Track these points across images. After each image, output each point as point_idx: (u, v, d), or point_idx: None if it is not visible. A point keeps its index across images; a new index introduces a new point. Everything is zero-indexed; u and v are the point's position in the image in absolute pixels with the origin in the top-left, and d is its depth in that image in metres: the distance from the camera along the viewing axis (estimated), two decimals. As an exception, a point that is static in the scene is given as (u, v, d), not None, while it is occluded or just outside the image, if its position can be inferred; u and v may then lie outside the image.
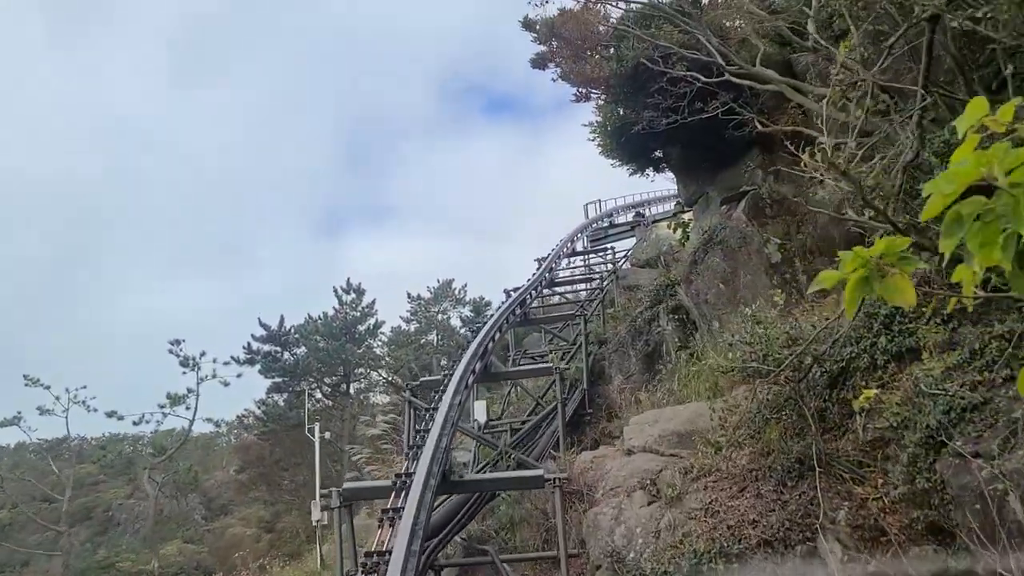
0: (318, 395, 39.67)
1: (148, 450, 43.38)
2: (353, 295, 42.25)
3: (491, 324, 16.75)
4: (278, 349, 40.18)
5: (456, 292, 44.90)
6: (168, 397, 37.49)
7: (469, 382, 14.00)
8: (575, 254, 28.89)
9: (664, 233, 26.74)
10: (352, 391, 41.57)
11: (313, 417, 30.30)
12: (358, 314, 41.93)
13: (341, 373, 40.65)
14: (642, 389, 16.08)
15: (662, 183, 32.52)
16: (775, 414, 9.67)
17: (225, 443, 55.86)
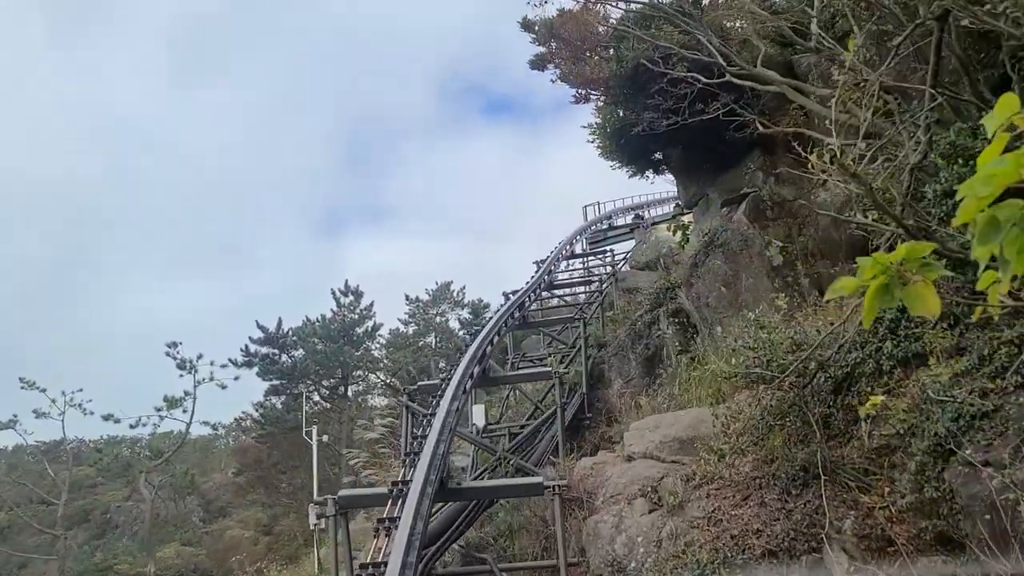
0: (316, 398, 39.45)
1: (145, 453, 43.12)
2: (351, 297, 42.07)
3: (489, 328, 16.56)
4: (276, 351, 39.99)
5: (455, 294, 44.80)
6: (165, 400, 37.23)
7: (467, 387, 13.82)
8: (574, 256, 28.74)
9: (663, 235, 26.58)
10: (350, 393, 41.37)
11: (311, 420, 30.09)
12: (356, 316, 41.74)
13: (339, 376, 40.44)
14: (642, 393, 15.92)
15: (661, 185, 32.43)
16: (779, 420, 9.49)
17: (223, 445, 55.64)
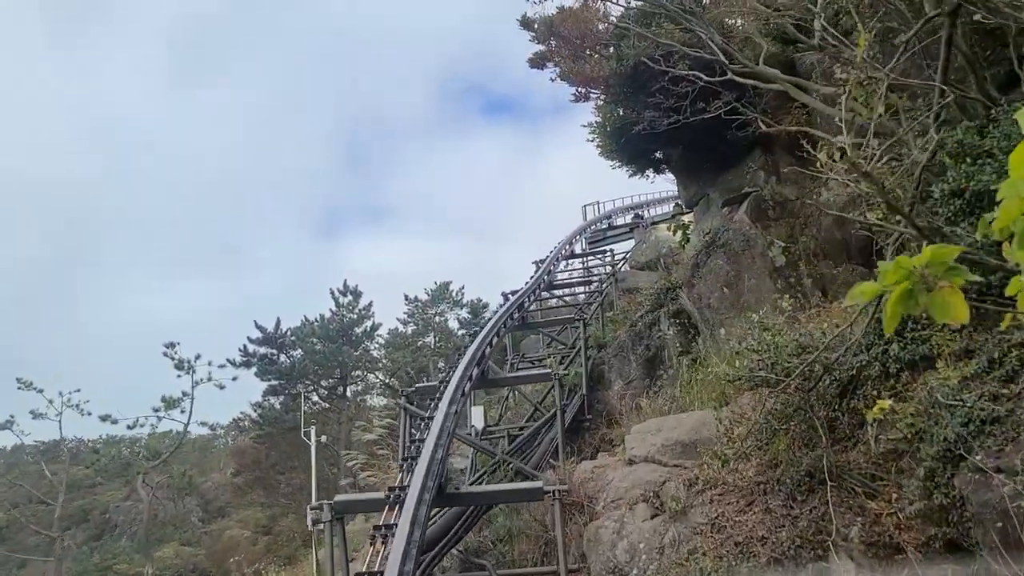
0: (314, 398, 39.23)
1: (144, 453, 42.95)
2: (350, 297, 41.87)
3: (488, 329, 16.36)
4: (274, 352, 39.78)
5: (454, 294, 44.57)
6: (163, 400, 37.12)
7: (466, 389, 13.64)
8: (573, 256, 28.55)
9: (663, 235, 26.43)
10: (349, 394, 41.18)
11: (309, 420, 29.86)
12: (355, 316, 41.54)
13: (338, 376, 40.25)
14: (643, 395, 15.73)
15: (661, 184, 32.22)
16: (783, 424, 9.32)
17: (222, 446, 55.45)
